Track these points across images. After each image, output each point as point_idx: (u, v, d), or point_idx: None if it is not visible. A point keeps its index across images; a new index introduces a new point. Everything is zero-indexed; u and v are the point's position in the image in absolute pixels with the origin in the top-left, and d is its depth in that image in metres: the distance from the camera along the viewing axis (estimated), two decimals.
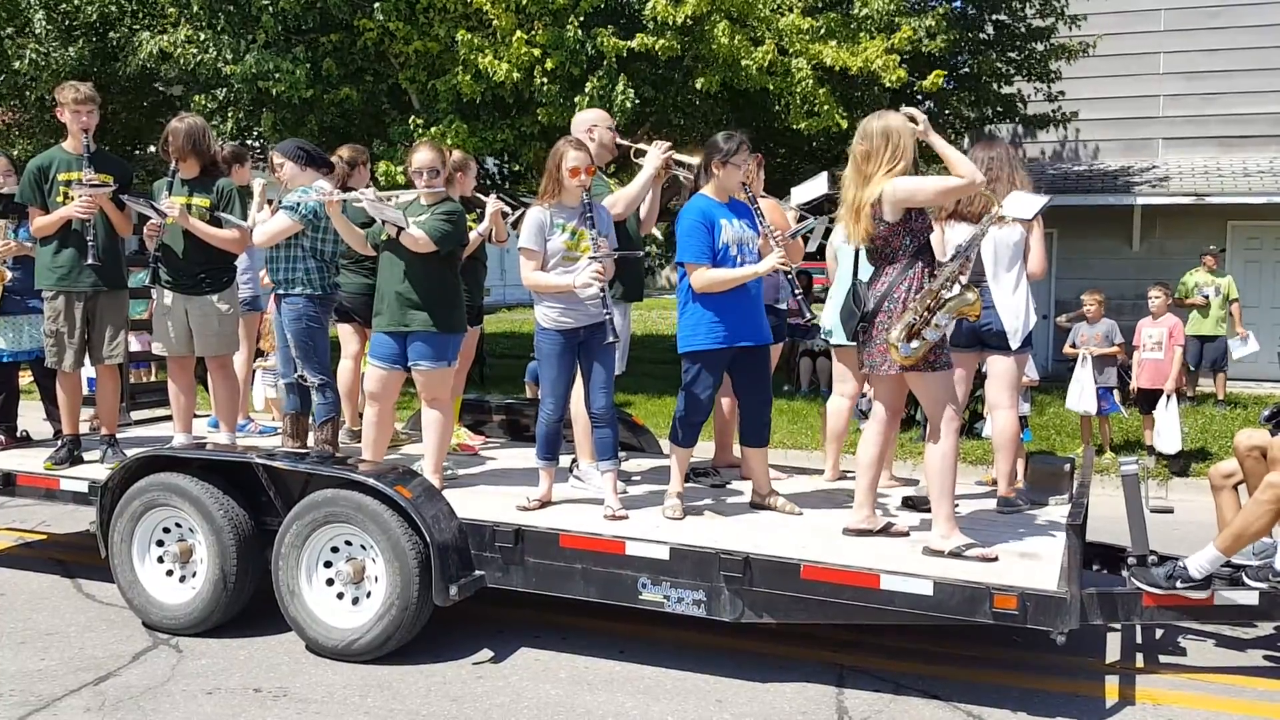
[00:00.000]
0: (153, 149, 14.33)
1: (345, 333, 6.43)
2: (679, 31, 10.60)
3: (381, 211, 4.91)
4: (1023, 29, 14.21)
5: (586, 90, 10.56)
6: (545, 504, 4.92)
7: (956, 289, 4.37)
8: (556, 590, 4.50)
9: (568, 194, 4.81)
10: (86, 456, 5.75)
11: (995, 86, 13.97)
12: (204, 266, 5.63)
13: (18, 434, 6.34)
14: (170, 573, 4.97)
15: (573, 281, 4.73)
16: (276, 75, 10.79)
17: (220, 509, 4.79)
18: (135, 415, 7.18)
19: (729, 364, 4.86)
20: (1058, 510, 5.23)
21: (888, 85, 11.08)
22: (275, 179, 5.58)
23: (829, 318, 5.52)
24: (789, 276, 4.74)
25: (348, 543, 4.66)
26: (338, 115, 12.03)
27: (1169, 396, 8.79)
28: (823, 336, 5.93)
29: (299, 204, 5.34)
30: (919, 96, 12.52)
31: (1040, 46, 14.16)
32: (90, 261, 5.46)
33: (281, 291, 5.46)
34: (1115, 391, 9.28)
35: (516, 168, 14.31)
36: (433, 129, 10.88)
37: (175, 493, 4.85)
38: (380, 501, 4.52)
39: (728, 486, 5.55)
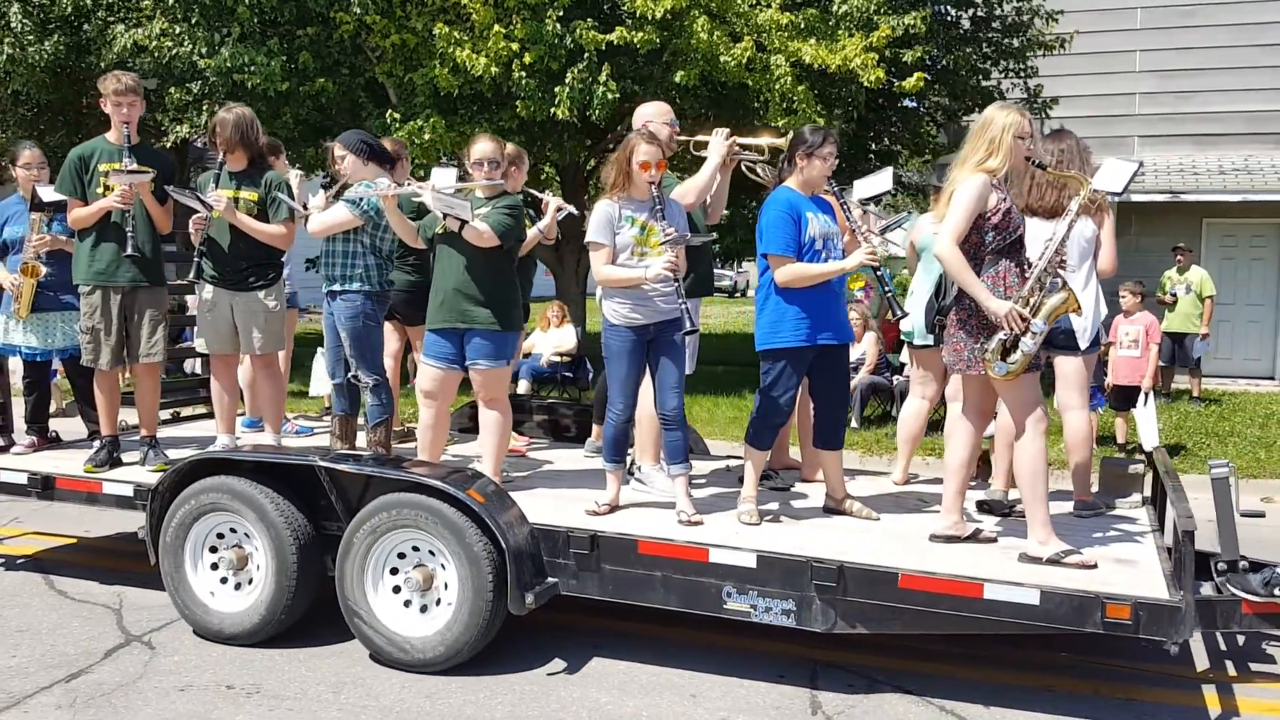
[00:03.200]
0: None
1: (385, 330, 6.25)
2: (658, 25, 10.52)
3: (447, 204, 4.72)
4: (998, 24, 14.24)
5: (566, 83, 10.47)
6: (614, 508, 4.75)
7: (1051, 290, 4.22)
8: (634, 599, 4.33)
9: (637, 188, 4.64)
10: (124, 458, 5.55)
11: (973, 81, 13.97)
12: (251, 262, 5.44)
13: (49, 435, 6.13)
14: (225, 580, 4.78)
15: (644, 274, 4.56)
16: (252, 68, 10.65)
17: (280, 513, 4.60)
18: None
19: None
20: (1133, 513, 5.12)
21: (866, 84, 11.05)
22: (335, 171, 5.37)
23: (908, 318, 5.35)
24: (879, 273, 4.58)
25: (415, 548, 4.48)
26: (314, 109, 11.92)
27: (1146, 394, 8.75)
28: (903, 337, 5.77)
29: (361, 199, 5.15)
30: (899, 96, 12.53)
31: (1016, 41, 14.17)
32: (129, 253, 5.26)
33: (338, 288, 5.26)
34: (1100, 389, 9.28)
35: None
36: (410, 123, 10.78)
37: (232, 496, 4.66)
38: (452, 506, 4.34)
39: (791, 489, 5.39)
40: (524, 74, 10.59)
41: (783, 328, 4.59)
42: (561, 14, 10.53)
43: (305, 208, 5.56)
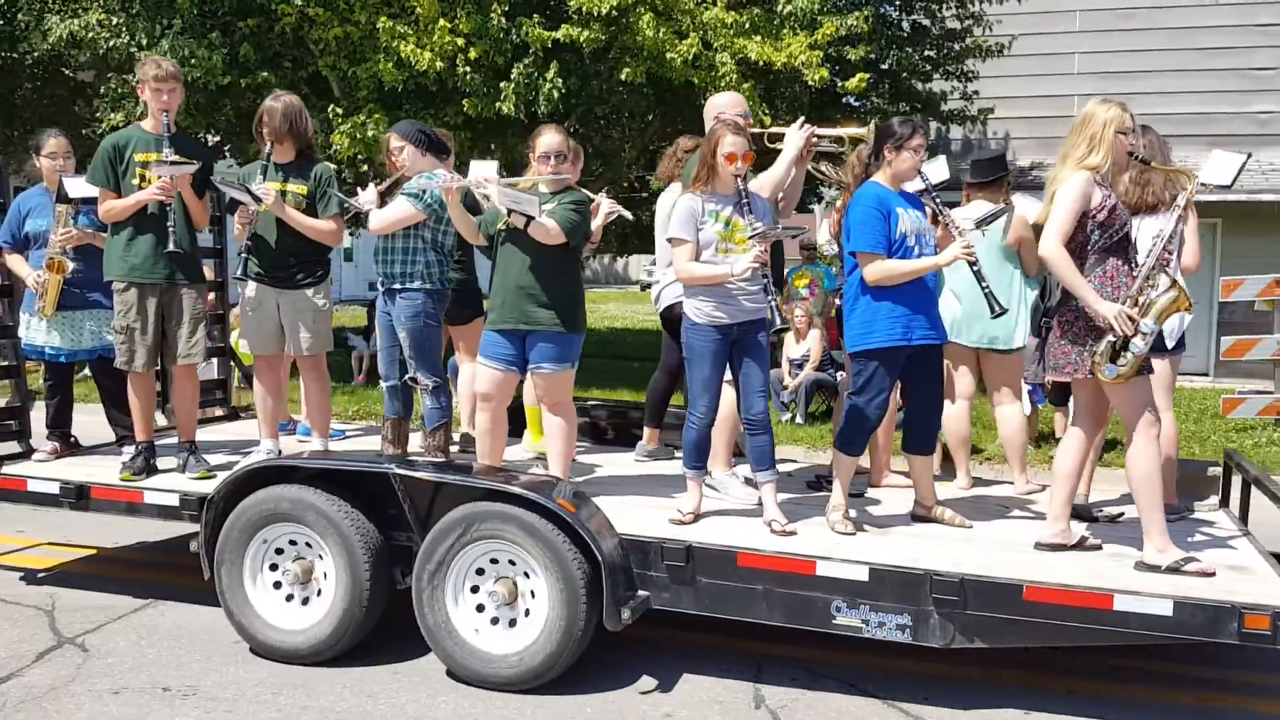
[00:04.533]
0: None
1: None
2: (604, 22, 10.43)
3: (513, 199, 4.49)
4: (939, 29, 14.35)
5: (512, 79, 10.33)
6: (698, 517, 4.55)
7: (1161, 289, 4.09)
8: (733, 613, 4.13)
9: (721, 181, 4.44)
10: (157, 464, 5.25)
11: (916, 84, 14.07)
12: (299, 258, 5.17)
13: (70, 441, 5.80)
14: (289, 596, 4.51)
15: (730, 271, 4.36)
16: (193, 61, 10.35)
17: (352, 524, 4.34)
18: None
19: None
20: (1211, 516, 5.02)
21: (810, 84, 11.05)
22: (390, 163, 5.10)
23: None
24: (975, 269, 4.41)
25: (493, 560, 4.24)
26: (255, 101, 11.56)
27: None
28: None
29: (424, 192, 4.89)
30: (842, 96, 12.55)
31: (957, 46, 14.29)
32: (171, 249, 4.96)
33: (398, 286, 4.98)
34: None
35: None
36: (353, 118, 10.57)
37: (300, 506, 4.39)
38: (542, 516, 4.11)
39: (865, 495, 5.22)
40: (469, 69, 10.43)
41: (875, 328, 4.41)
42: (507, 9, 10.39)
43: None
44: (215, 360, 6.78)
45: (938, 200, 4.59)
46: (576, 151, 5.63)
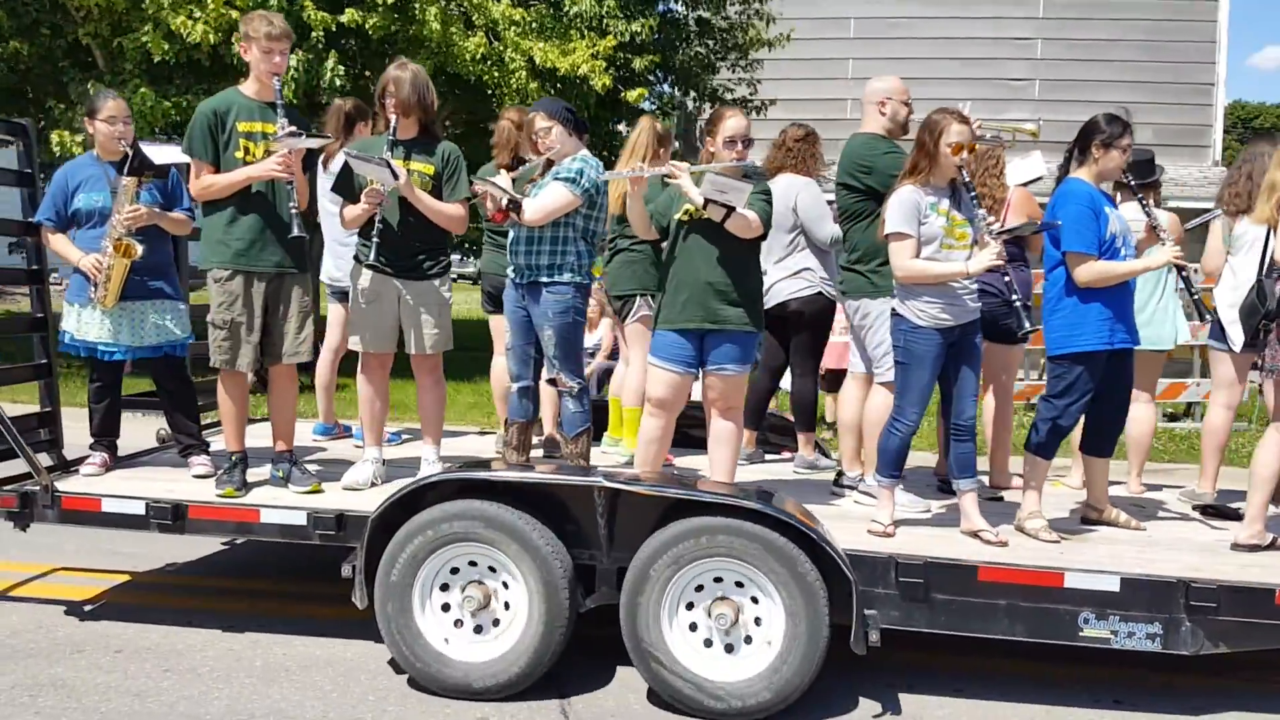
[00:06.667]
0: None
1: (499, 325, 5.55)
2: (390, 9, 10.27)
3: (721, 187, 4.15)
4: (724, 22, 14.85)
5: (292, 62, 9.90)
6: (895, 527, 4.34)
7: None
8: (970, 630, 3.92)
9: (942, 172, 4.24)
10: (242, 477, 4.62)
11: (703, 78, 14.53)
12: (425, 245, 4.66)
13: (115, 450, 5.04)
14: (459, 623, 4.02)
15: (965, 268, 4.18)
16: None
17: (546, 543, 3.91)
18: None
19: None
20: None
21: (596, 89, 11.27)
22: (539, 143, 4.63)
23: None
24: (1184, 274, 4.38)
25: (716, 579, 3.90)
26: (8, 71, 10.91)
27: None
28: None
29: (580, 175, 4.47)
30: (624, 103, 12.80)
31: (740, 38, 14.85)
32: (296, 233, 4.37)
33: (545, 279, 4.55)
34: None
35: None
36: (117, 92, 9.94)
37: (487, 524, 3.92)
38: (776, 530, 3.80)
39: (1003, 500, 5.14)
40: None
41: (1083, 330, 4.31)
42: None
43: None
44: None
45: (1145, 202, 4.54)
46: (668, 135, 5.35)
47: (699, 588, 3.91)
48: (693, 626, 3.92)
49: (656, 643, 3.85)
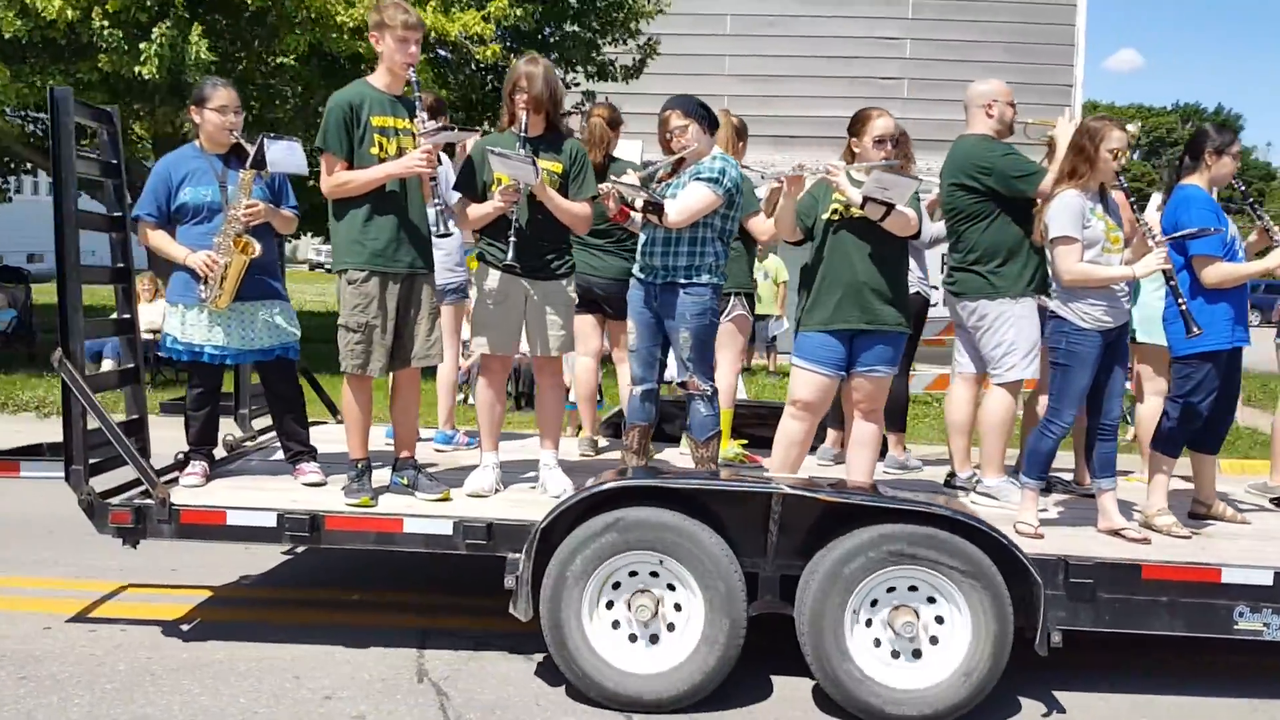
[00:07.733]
0: None
1: (586, 325, 5.46)
2: None
3: (886, 184, 4.14)
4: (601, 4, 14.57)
5: (154, 38, 9.63)
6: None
7: None
8: (1134, 627, 4.01)
9: (1099, 177, 4.31)
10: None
11: (587, 54, 14.25)
12: (554, 245, 4.54)
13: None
14: (631, 636, 3.94)
15: (1133, 271, 4.26)
16: None
17: (723, 551, 3.86)
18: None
19: None
20: None
21: (482, 62, 11.11)
22: (674, 142, 4.53)
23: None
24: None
25: (890, 589, 3.90)
26: None
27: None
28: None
29: (723, 175, 4.41)
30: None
31: (620, 15, 14.44)
32: (443, 231, 4.23)
33: (684, 280, 4.47)
34: None
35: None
36: None
37: (663, 532, 3.84)
38: (963, 537, 3.82)
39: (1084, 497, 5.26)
40: (106, 23, 9.56)
41: (1213, 330, 4.45)
42: None
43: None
44: None
45: (1255, 206, 4.69)
46: (743, 129, 5.35)
47: (874, 601, 3.88)
48: (876, 640, 3.90)
49: (840, 653, 3.82)
